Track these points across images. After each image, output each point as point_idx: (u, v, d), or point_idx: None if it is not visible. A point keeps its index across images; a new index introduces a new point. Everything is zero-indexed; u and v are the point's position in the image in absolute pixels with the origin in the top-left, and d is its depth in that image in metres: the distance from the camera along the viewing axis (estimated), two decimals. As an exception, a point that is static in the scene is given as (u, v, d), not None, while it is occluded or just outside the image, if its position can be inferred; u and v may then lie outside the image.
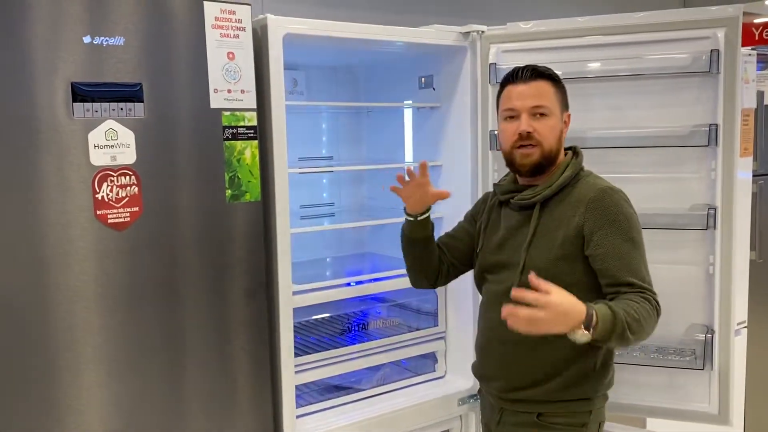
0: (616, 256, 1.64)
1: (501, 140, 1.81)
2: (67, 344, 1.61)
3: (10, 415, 1.55)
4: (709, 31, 1.98)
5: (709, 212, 2.00)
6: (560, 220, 1.71)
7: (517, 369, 1.75)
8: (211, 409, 1.82)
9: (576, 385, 1.71)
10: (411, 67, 2.49)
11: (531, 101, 1.71)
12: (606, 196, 1.69)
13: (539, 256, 1.71)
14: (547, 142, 1.72)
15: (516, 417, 1.77)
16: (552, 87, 1.74)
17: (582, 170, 1.79)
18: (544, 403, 1.73)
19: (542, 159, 1.73)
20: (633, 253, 1.66)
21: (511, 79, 1.76)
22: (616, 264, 1.64)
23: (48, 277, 1.57)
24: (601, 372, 1.74)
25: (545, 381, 1.71)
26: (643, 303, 1.59)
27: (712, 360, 2.03)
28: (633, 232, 1.67)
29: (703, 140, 2.00)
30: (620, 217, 1.67)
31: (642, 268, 1.66)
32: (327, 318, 2.34)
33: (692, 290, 2.07)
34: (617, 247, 1.65)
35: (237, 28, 1.77)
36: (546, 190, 1.73)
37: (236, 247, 1.82)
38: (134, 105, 1.64)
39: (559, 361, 1.70)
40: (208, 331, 1.80)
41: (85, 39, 1.58)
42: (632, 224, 1.68)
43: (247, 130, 1.81)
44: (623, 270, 1.64)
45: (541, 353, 1.69)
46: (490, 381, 1.83)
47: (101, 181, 1.62)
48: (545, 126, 1.72)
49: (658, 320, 1.63)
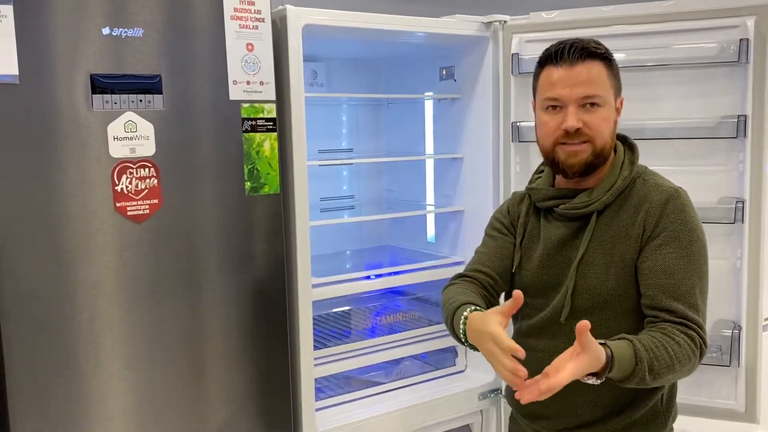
0: (665, 273, 1.36)
1: (539, 134, 1.49)
2: (87, 336, 1.61)
3: (33, 406, 1.56)
4: (738, 19, 1.93)
5: (737, 205, 1.95)
6: (618, 230, 1.43)
7: (573, 407, 1.47)
8: (231, 401, 1.82)
9: (641, 423, 1.46)
10: (432, 58, 2.46)
11: (580, 89, 1.39)
12: (671, 198, 1.40)
13: (594, 274, 1.43)
14: (600, 138, 1.41)
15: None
16: (605, 69, 1.42)
17: (638, 167, 1.50)
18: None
19: (594, 158, 1.42)
20: (687, 271, 1.36)
21: (554, 58, 1.41)
22: (663, 282, 1.36)
23: (68, 270, 1.58)
24: (668, 406, 1.50)
25: (606, 420, 1.46)
26: (684, 342, 1.30)
27: (738, 356, 1.98)
28: (693, 246, 1.38)
29: (731, 132, 1.95)
30: (681, 226, 1.38)
31: (695, 292, 1.36)
32: (346, 311, 2.33)
33: (719, 285, 2.02)
34: (669, 262, 1.36)
35: (256, 19, 1.76)
36: (605, 196, 1.43)
37: (255, 240, 1.81)
38: (153, 97, 1.64)
39: (622, 397, 1.44)
40: (227, 324, 1.79)
41: (104, 31, 1.57)
42: (694, 237, 1.38)
43: (266, 122, 1.80)
44: (669, 291, 1.35)
45: (602, 390, 1.35)
46: (537, 419, 1.55)
47: (120, 174, 1.61)
48: (597, 118, 1.40)
49: (702, 355, 1.33)
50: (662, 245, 1.38)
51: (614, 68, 1.46)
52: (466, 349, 2.37)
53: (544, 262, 1.51)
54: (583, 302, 1.45)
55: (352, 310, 2.33)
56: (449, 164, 2.45)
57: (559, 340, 1.45)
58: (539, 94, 1.47)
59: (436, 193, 2.56)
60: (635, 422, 1.46)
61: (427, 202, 2.59)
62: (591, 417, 1.47)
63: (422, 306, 2.46)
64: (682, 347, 1.30)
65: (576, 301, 1.45)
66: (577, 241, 1.47)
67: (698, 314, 1.35)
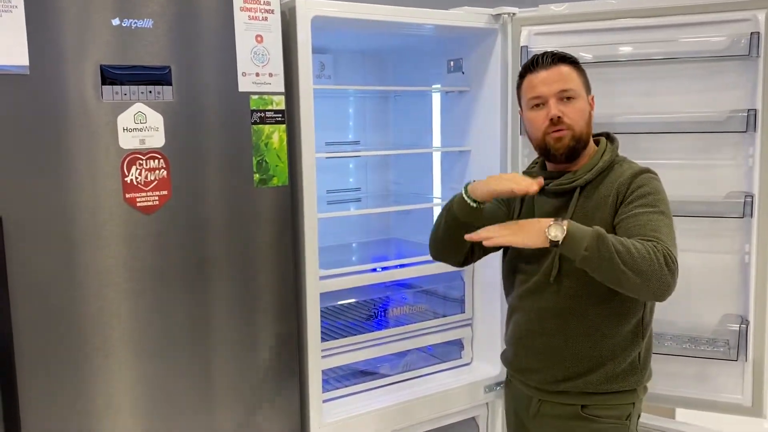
0: (636, 224, 1.55)
1: (530, 130, 1.76)
2: (96, 326, 1.62)
3: (42, 394, 1.56)
4: (748, 12, 1.92)
5: (746, 200, 1.95)
6: (597, 202, 1.66)
7: (560, 360, 1.70)
8: (239, 393, 1.83)
9: (621, 376, 1.68)
10: (439, 50, 2.46)
11: (557, 86, 1.68)
12: (641, 172, 1.65)
13: None
14: (578, 125, 1.69)
15: (557, 409, 1.73)
16: (574, 70, 1.71)
17: (617, 156, 1.75)
18: (589, 395, 1.69)
19: (574, 142, 1.69)
20: (653, 220, 1.55)
21: (531, 67, 1.72)
22: (635, 231, 1.53)
23: (78, 260, 1.58)
24: (644, 363, 1.71)
25: (589, 372, 1.68)
26: (643, 242, 1.47)
27: (746, 351, 1.99)
28: (659, 204, 1.59)
29: (740, 126, 1.95)
30: (647, 188, 1.61)
31: (661, 230, 1.53)
32: (353, 303, 2.33)
33: (727, 279, 2.03)
34: (639, 216, 1.56)
35: (265, 11, 1.76)
36: (587, 174, 1.69)
37: (264, 232, 1.81)
38: (163, 88, 1.64)
39: (604, 351, 1.67)
40: (235, 315, 1.80)
41: (114, 21, 1.57)
42: (660, 198, 1.60)
43: (275, 114, 1.80)
44: (637, 230, 1.53)
45: (584, 344, 1.67)
46: (529, 373, 1.78)
47: (130, 165, 1.62)
48: (574, 109, 1.69)
49: (671, 277, 1.46)
50: (633, 205, 1.60)
51: (581, 70, 1.74)
52: (473, 341, 2.39)
53: None
54: (568, 263, 1.63)
55: (358, 303, 2.33)
56: (456, 157, 2.45)
57: (547, 299, 1.70)
58: (524, 97, 1.76)
59: (443, 186, 2.56)
60: (616, 375, 1.67)
61: (434, 195, 2.59)
62: (576, 370, 1.68)
63: (428, 299, 2.47)
64: (641, 245, 1.46)
65: (563, 262, 1.66)
66: (564, 213, 1.70)
67: (666, 244, 1.49)
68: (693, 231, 2.03)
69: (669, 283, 1.47)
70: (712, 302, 2.04)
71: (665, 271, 1.46)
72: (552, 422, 1.75)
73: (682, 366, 2.09)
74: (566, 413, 1.71)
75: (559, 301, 1.68)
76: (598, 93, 2.03)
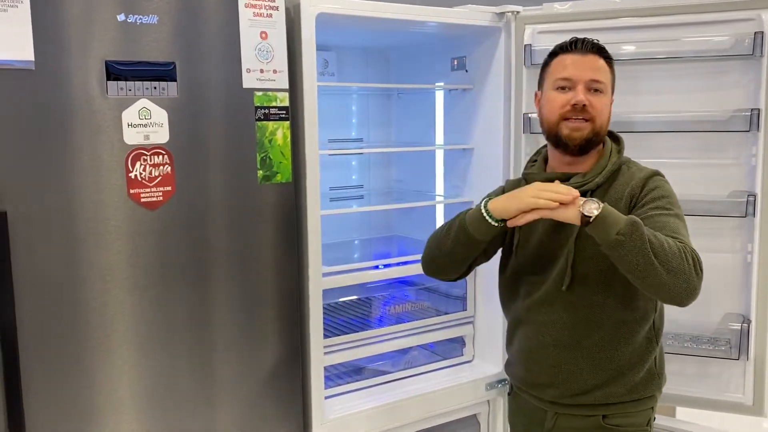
0: (657, 225, 1.47)
1: (546, 111, 1.64)
2: (99, 322, 1.62)
3: (46, 390, 1.57)
4: (752, 12, 1.92)
5: (749, 199, 1.95)
6: (609, 204, 1.53)
7: (577, 373, 1.62)
8: (241, 388, 1.83)
9: (642, 385, 1.63)
10: (443, 48, 2.46)
11: (589, 73, 1.59)
12: (653, 175, 1.60)
13: (592, 245, 1.52)
14: (600, 119, 1.60)
15: (576, 421, 1.65)
16: (608, 65, 1.64)
17: (624, 157, 1.69)
18: (610, 405, 1.62)
19: (593, 135, 1.59)
20: (671, 222, 1.49)
21: (568, 48, 1.62)
22: (656, 227, 1.47)
23: (81, 256, 1.58)
24: (660, 368, 1.68)
25: (609, 384, 1.61)
26: (676, 243, 1.41)
27: (747, 350, 1.99)
28: (674, 208, 1.54)
29: (743, 125, 1.95)
30: (661, 191, 1.56)
31: (683, 233, 1.48)
32: (355, 300, 2.34)
33: (728, 279, 2.03)
34: (656, 218, 1.50)
35: (270, 8, 1.76)
36: (597, 177, 1.60)
37: (267, 228, 1.82)
38: (167, 84, 1.64)
39: (622, 361, 1.61)
40: (238, 311, 1.80)
41: (119, 17, 1.57)
42: (673, 200, 1.56)
43: (279, 111, 1.80)
44: (662, 231, 1.45)
45: (602, 355, 1.60)
46: (543, 388, 1.68)
47: (134, 160, 1.62)
48: (600, 101, 1.59)
49: (698, 279, 1.41)
50: (648, 207, 1.53)
51: (613, 69, 1.66)
52: (474, 339, 2.40)
53: (544, 239, 1.66)
54: (582, 270, 1.59)
55: (360, 300, 2.34)
56: (459, 155, 2.45)
57: (558, 310, 1.62)
58: (550, 77, 1.65)
59: (446, 184, 2.57)
60: (636, 384, 1.62)
61: (437, 193, 2.59)
62: (595, 382, 1.61)
63: (430, 296, 2.47)
64: (675, 244, 1.40)
65: (576, 270, 1.59)
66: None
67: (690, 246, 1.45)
68: (695, 230, 2.00)
69: (695, 287, 1.40)
70: (713, 301, 2.04)
71: (693, 274, 1.39)
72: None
73: (683, 364, 2.09)
74: (586, 425, 1.64)
75: (572, 312, 1.60)
76: (601, 92, 2.04)
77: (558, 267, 1.62)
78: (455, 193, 2.49)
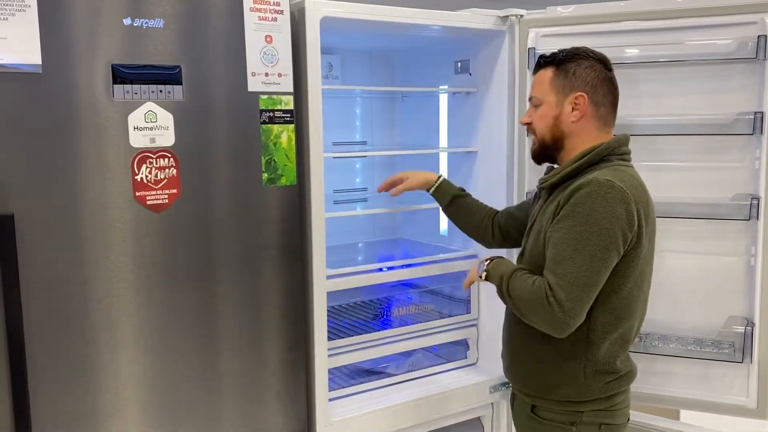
0: (552, 245, 1.58)
1: None
2: (105, 323, 1.63)
3: (52, 390, 1.58)
4: (756, 16, 1.93)
5: (752, 202, 1.95)
6: (548, 209, 1.66)
7: (508, 358, 1.82)
8: (245, 390, 1.84)
9: (558, 387, 1.67)
10: (447, 51, 2.47)
11: (531, 92, 1.76)
12: (588, 184, 1.54)
13: (532, 242, 1.71)
14: (539, 131, 1.72)
15: (519, 405, 1.82)
16: (551, 73, 1.69)
17: (602, 161, 1.63)
18: (536, 397, 1.74)
19: (539, 147, 1.75)
20: (565, 247, 1.53)
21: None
22: (549, 253, 1.58)
23: (88, 258, 1.59)
24: (591, 381, 1.65)
25: (535, 376, 1.72)
26: (532, 282, 1.58)
27: (751, 353, 1.99)
28: (584, 226, 1.52)
29: (747, 128, 1.95)
30: (581, 208, 1.53)
31: (564, 261, 1.53)
32: (359, 303, 2.35)
33: (732, 282, 2.03)
34: (556, 235, 1.57)
35: (275, 11, 1.77)
36: (553, 178, 1.69)
37: (272, 231, 1.83)
38: (173, 88, 1.65)
39: (546, 358, 1.69)
40: (243, 313, 1.81)
41: (125, 21, 1.59)
42: (590, 219, 1.51)
43: (283, 114, 1.81)
44: (549, 261, 1.57)
45: (530, 349, 1.72)
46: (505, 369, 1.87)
47: (140, 163, 1.63)
48: (536, 116, 1.73)
49: (550, 313, 1.53)
50: (559, 221, 1.59)
51: (561, 71, 1.69)
52: (478, 341, 2.40)
53: (529, 228, 1.79)
54: (526, 263, 1.72)
55: (364, 302, 2.34)
56: (463, 158, 2.46)
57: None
58: None
59: (450, 187, 2.57)
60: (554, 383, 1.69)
61: (441, 196, 2.59)
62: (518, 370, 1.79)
63: (434, 299, 2.48)
64: (528, 285, 1.59)
65: (522, 262, 1.75)
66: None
67: (557, 278, 1.54)
68: (699, 233, 2.04)
69: (548, 321, 1.55)
70: (717, 304, 2.04)
71: (542, 311, 1.55)
72: (518, 417, 1.84)
73: (686, 367, 2.09)
74: (524, 411, 1.78)
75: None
76: (606, 95, 2.03)
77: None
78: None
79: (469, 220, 2.08)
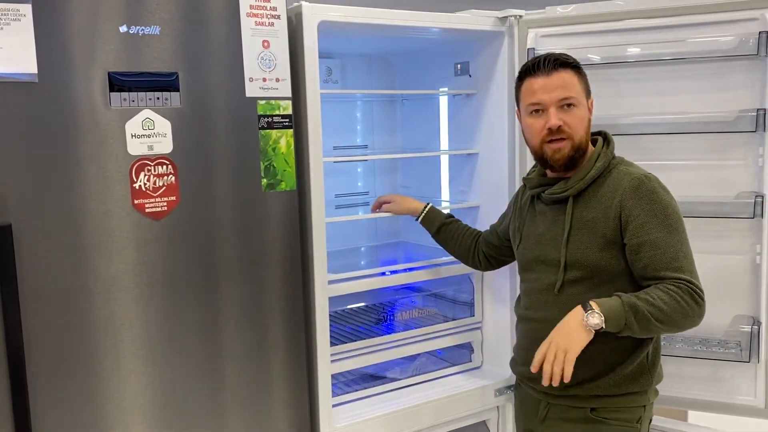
0: (651, 246, 1.58)
1: (527, 136, 1.77)
2: (106, 332, 1.62)
3: (53, 400, 1.57)
4: (756, 12, 1.91)
5: (756, 200, 1.94)
6: (597, 210, 1.66)
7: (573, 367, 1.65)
8: (248, 397, 1.83)
9: (631, 379, 1.67)
10: (446, 53, 2.46)
11: (558, 93, 1.66)
12: (641, 184, 1.63)
13: (580, 249, 1.68)
14: (578, 135, 1.68)
15: (566, 412, 1.73)
16: (575, 75, 1.69)
17: (614, 158, 1.73)
18: (599, 398, 1.68)
19: (574, 152, 1.68)
20: (669, 240, 1.58)
21: (532, 71, 1.70)
22: (650, 254, 1.58)
23: (87, 266, 1.59)
24: (653, 364, 1.71)
25: (599, 376, 1.67)
26: (671, 289, 1.54)
27: (758, 352, 1.97)
28: (670, 219, 1.60)
29: (750, 126, 1.94)
30: (656, 205, 1.60)
31: (679, 256, 1.58)
32: (362, 307, 2.34)
33: (738, 281, 2.01)
34: (652, 236, 1.59)
35: (272, 16, 1.76)
36: (579, 183, 1.68)
37: (272, 236, 1.82)
38: (170, 94, 1.64)
39: (613, 356, 1.66)
40: (244, 320, 1.80)
41: (121, 28, 1.58)
42: (669, 211, 1.61)
43: (282, 119, 1.80)
44: (657, 261, 1.58)
45: (592, 350, 1.61)
46: (536, 380, 1.71)
47: (138, 171, 1.62)
48: (574, 118, 1.67)
49: (700, 309, 1.56)
50: (644, 224, 1.59)
51: (582, 74, 1.72)
52: (483, 345, 2.39)
53: (536, 240, 1.78)
54: (572, 274, 1.68)
55: (367, 307, 2.33)
56: (464, 160, 2.45)
57: (554, 310, 1.68)
58: (523, 102, 1.74)
59: (451, 189, 2.56)
60: (626, 377, 1.67)
61: (442, 198, 2.59)
62: (585, 374, 1.66)
63: (438, 302, 2.46)
64: (670, 293, 1.53)
65: (567, 273, 1.69)
66: (560, 223, 1.71)
67: (684, 273, 1.57)
68: (703, 232, 2.02)
69: (699, 315, 1.56)
70: (723, 303, 2.02)
71: (695, 310, 1.55)
72: (560, 426, 1.74)
73: (694, 368, 2.08)
74: (575, 416, 1.71)
75: (564, 311, 1.65)
76: (606, 94, 2.03)
77: (549, 269, 1.73)
78: (461, 198, 2.49)
79: (457, 246, 2.13)
